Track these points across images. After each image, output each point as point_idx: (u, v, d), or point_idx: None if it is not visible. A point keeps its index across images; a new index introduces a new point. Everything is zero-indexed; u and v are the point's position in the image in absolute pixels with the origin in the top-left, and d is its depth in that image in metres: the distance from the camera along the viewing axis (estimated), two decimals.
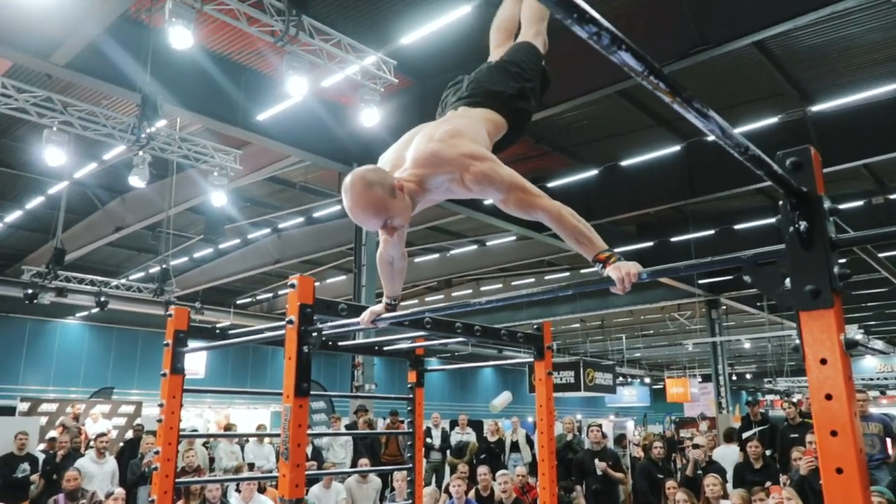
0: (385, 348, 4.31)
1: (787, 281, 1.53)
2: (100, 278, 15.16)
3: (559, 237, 2.04)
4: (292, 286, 2.79)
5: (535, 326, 3.86)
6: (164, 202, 12.45)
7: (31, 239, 16.57)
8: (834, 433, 1.35)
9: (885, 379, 22.60)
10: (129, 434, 10.78)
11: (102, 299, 14.04)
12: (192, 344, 3.58)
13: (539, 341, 3.80)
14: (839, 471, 1.34)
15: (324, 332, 2.74)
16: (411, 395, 4.40)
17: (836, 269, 1.45)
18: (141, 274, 18.61)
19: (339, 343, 4.24)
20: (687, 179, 12.22)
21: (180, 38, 5.97)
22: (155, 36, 8.03)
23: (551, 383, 3.81)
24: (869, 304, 20.92)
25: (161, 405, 3.39)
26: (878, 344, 25.26)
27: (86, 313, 21.25)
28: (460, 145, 2.01)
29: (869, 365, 25.72)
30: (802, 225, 1.49)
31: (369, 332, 6.82)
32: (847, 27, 8.80)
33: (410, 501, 4.32)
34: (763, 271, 1.64)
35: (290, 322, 2.74)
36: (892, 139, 10.12)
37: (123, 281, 16.14)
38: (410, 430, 4.40)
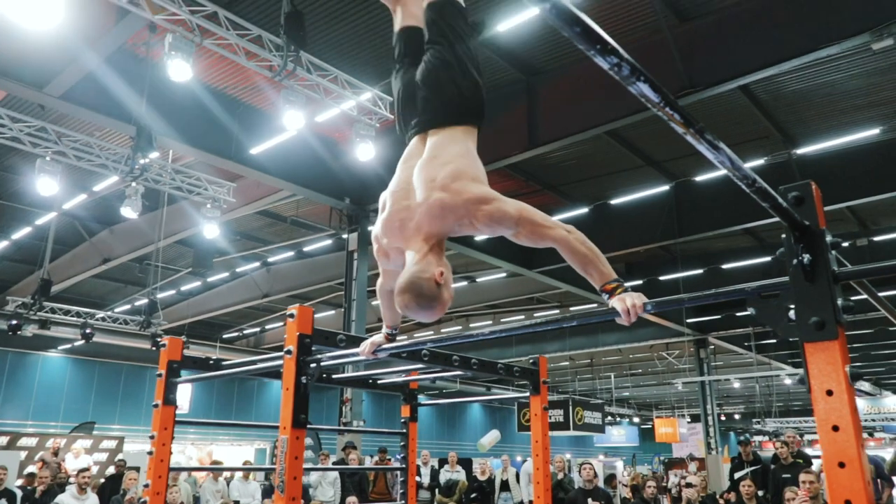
0: (379, 381, 4.28)
1: (791, 313, 1.55)
2: (85, 310, 14.99)
3: (549, 274, 2.05)
4: (291, 316, 2.78)
5: (530, 361, 3.86)
6: (153, 234, 12.41)
7: (15, 269, 16.42)
8: (842, 465, 1.36)
9: (873, 421, 22.62)
10: (111, 469, 10.54)
11: (88, 331, 13.86)
12: (185, 375, 3.55)
13: (535, 376, 3.79)
14: (848, 503, 1.34)
15: (322, 363, 2.72)
16: (404, 430, 4.35)
17: (839, 302, 1.47)
18: (127, 306, 18.43)
19: (333, 376, 4.21)
20: (675, 219, 12.36)
21: (179, 71, 6.03)
22: (151, 68, 8.11)
23: (547, 419, 3.79)
24: (855, 345, 21.05)
25: (152, 437, 3.33)
26: (865, 385, 25.33)
27: (68, 346, 20.94)
28: (463, 190, 1.98)
29: (859, 406, 25.65)
30: (805, 258, 1.51)
31: (360, 365, 6.77)
32: (830, 73, 9.04)
33: None
34: (767, 303, 1.66)
35: (289, 352, 2.73)
36: (874, 182, 10.33)
37: (109, 313, 15.95)
38: (403, 465, 4.35)
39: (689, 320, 18.41)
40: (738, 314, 18.46)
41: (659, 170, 11.89)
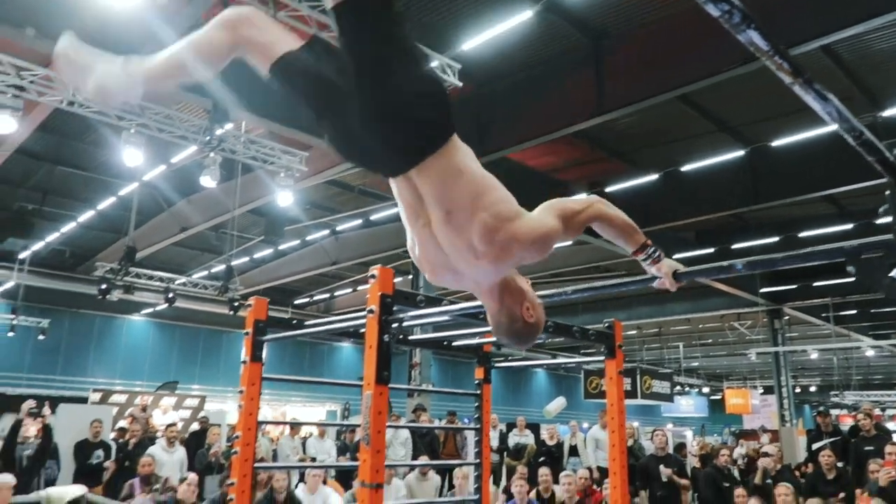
0: (453, 343, 4.36)
1: (895, 272, 1.52)
2: (167, 275, 15.72)
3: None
4: (373, 276, 2.87)
5: (605, 325, 3.85)
6: (228, 203, 12.83)
7: (101, 238, 17.30)
8: None
9: None
10: (195, 426, 11.14)
11: (171, 296, 14.55)
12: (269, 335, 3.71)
13: (610, 339, 3.79)
14: None
15: (404, 323, 2.81)
16: (478, 392, 4.43)
17: None
18: (204, 273, 19.19)
19: (409, 337, 4.31)
20: (750, 185, 11.94)
21: None
22: None
23: (622, 383, 3.79)
24: None
25: (241, 391, 3.51)
26: None
27: (150, 310, 22.03)
28: (508, 241, 1.69)
29: None
30: None
31: (430, 328, 6.86)
32: None
33: (477, 497, 4.35)
34: (868, 262, 1.62)
35: (371, 311, 2.82)
36: None
37: (188, 279, 16.67)
38: (477, 426, 4.44)
39: (762, 290, 17.84)
40: (816, 284, 17.75)
41: (733, 135, 11.46)
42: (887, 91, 9.86)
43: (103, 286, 13.46)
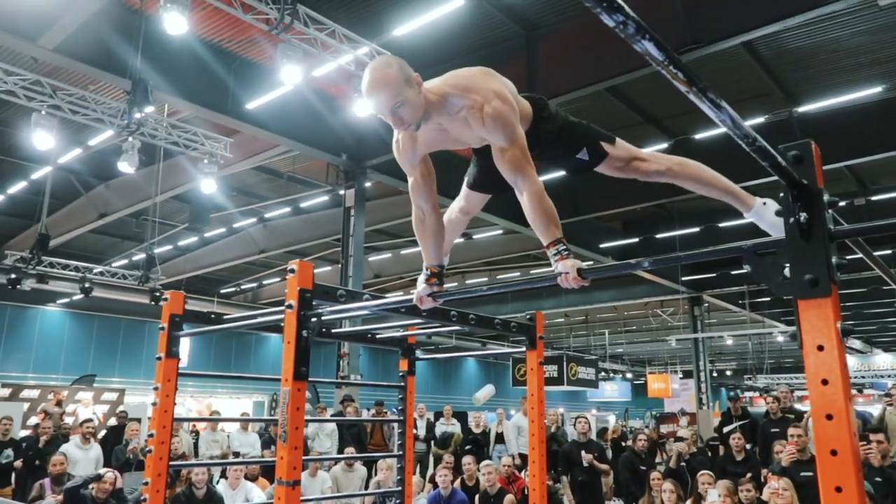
0: (378, 336, 4.34)
1: (786, 270, 1.58)
2: (84, 265, 15.02)
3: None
4: (292, 271, 2.81)
5: (527, 316, 3.91)
6: (150, 189, 12.36)
7: (12, 224, 16.40)
8: (829, 417, 1.40)
9: (863, 378, 23.04)
10: (113, 421, 10.72)
11: (87, 285, 13.91)
12: (186, 329, 3.59)
13: (531, 331, 3.84)
14: (834, 453, 1.39)
15: (323, 318, 2.76)
16: (402, 384, 4.43)
17: (833, 260, 1.50)
18: (124, 261, 18.46)
19: (332, 330, 4.27)
20: None
21: (175, 23, 5.93)
22: (145, 21, 7.97)
23: (542, 373, 3.86)
24: (848, 303, 21.27)
25: (156, 388, 3.39)
26: (857, 343, 25.67)
27: (67, 300, 21.05)
28: (493, 82, 2.15)
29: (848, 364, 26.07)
30: (803, 216, 1.54)
31: (357, 320, 6.81)
32: (834, 30, 8.92)
33: (400, 489, 4.35)
34: (763, 261, 1.69)
35: (290, 306, 2.76)
36: (875, 141, 10.29)
37: (107, 268, 15.99)
38: (401, 417, 4.44)
39: (684, 278, 18.54)
40: (734, 272, 18.58)
41: (658, 127, 11.82)
42: (803, 87, 10.34)
43: (13, 275, 12.75)
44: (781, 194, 1.61)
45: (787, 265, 1.58)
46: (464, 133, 2.23)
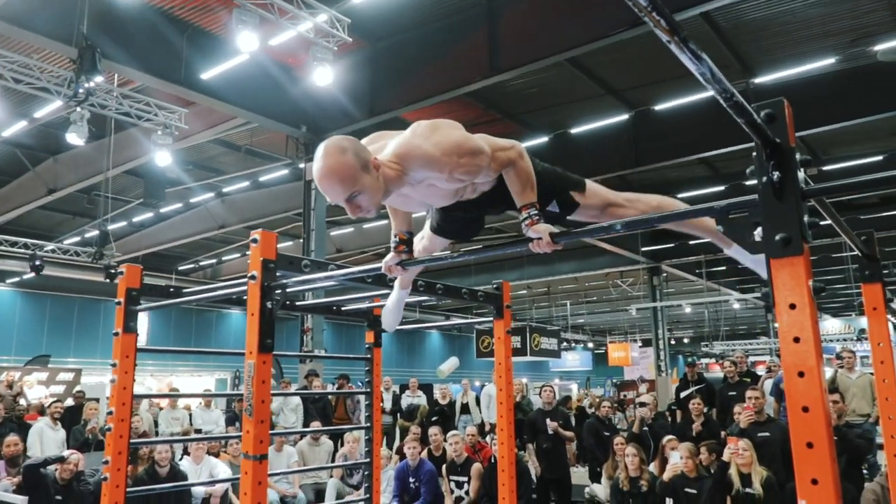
0: (343, 308, 4.28)
1: (758, 231, 1.58)
2: (34, 241, 14.51)
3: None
4: (255, 241, 2.73)
5: (493, 286, 3.90)
6: (101, 163, 11.94)
7: None
8: (801, 374, 1.41)
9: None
10: (70, 401, 10.47)
11: (38, 263, 13.44)
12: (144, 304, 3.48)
13: (499, 300, 3.83)
14: (805, 409, 1.39)
15: (288, 289, 2.70)
16: (369, 356, 4.40)
17: (805, 218, 1.50)
18: (76, 238, 17.89)
19: (296, 303, 4.19)
20: (633, 149, 12.44)
21: None
22: None
23: (510, 342, 3.86)
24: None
25: (114, 365, 3.29)
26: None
27: (17, 279, 20.38)
28: (445, 143, 1.93)
29: None
30: (776, 175, 1.53)
31: (321, 292, 6.72)
32: (789, 1, 9.03)
33: (368, 460, 4.34)
34: (735, 221, 1.68)
35: (253, 278, 2.69)
36: (828, 112, 10.50)
37: (59, 245, 15.48)
38: (368, 390, 4.42)
39: (643, 248, 18.83)
40: (692, 242, 18.94)
41: (619, 99, 11.86)
42: (759, 59, 10.48)
43: None
44: (754, 153, 1.60)
45: (760, 225, 1.58)
46: (430, 197, 2.14)
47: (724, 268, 22.02)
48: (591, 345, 36.07)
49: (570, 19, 8.61)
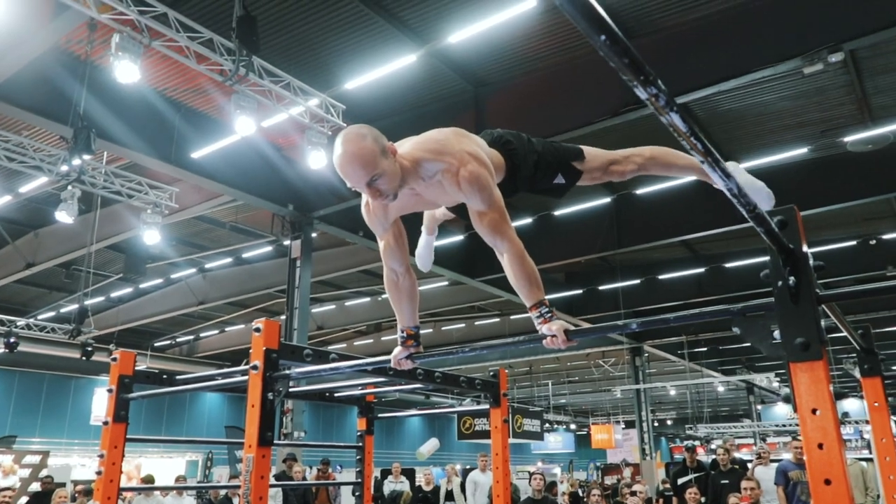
0: (336, 395, 4.21)
1: (776, 332, 1.60)
2: (8, 318, 14.17)
3: (491, 283, 2.11)
4: (257, 330, 2.70)
5: (490, 373, 3.87)
6: (82, 238, 11.84)
7: None
8: (828, 482, 1.40)
9: (796, 425, 23.67)
10: (36, 486, 9.98)
11: (12, 340, 13.08)
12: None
13: (495, 388, 3.80)
14: None
15: (292, 379, 2.65)
16: (360, 444, 4.29)
17: (822, 323, 1.53)
18: (51, 313, 17.53)
19: (289, 390, 4.10)
20: (615, 231, 12.67)
21: (126, 72, 5.80)
22: (89, 68, 7.77)
23: (507, 431, 3.80)
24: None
25: (101, 456, 3.17)
26: (785, 391, 26.53)
27: None
28: (466, 143, 2.10)
29: (781, 412, 26.97)
30: (791, 280, 1.57)
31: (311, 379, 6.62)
32: (762, 94, 9.47)
33: None
34: (752, 323, 1.71)
35: (255, 368, 2.64)
36: (802, 199, 10.74)
37: (32, 320, 15.13)
38: (359, 479, 4.28)
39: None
40: (673, 323, 19.03)
41: (601, 183, 12.14)
42: (734, 147, 10.88)
43: None
44: (769, 258, 1.64)
45: (776, 328, 1.60)
46: (438, 196, 2.19)
47: (705, 349, 22.09)
48: (573, 426, 35.51)
49: (554, 107, 8.93)
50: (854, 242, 13.72)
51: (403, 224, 2.38)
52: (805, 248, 1.62)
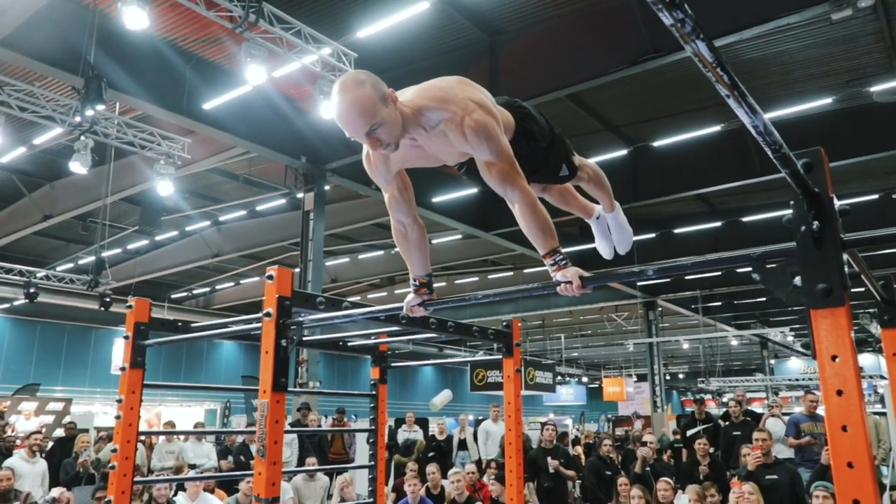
0: (349, 344, 4.23)
1: (797, 279, 1.56)
2: (28, 268, 14.37)
3: (505, 237, 2.07)
4: (270, 277, 2.70)
5: (503, 324, 3.87)
6: (97, 190, 11.89)
7: None
8: (845, 428, 1.38)
9: (809, 379, 23.79)
10: (59, 432, 10.26)
11: (32, 290, 13.28)
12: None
13: (508, 338, 3.80)
14: (850, 465, 1.36)
15: (304, 326, 2.66)
16: (374, 392, 4.33)
17: (846, 269, 1.48)
18: (70, 265, 17.76)
19: (303, 338, 4.14)
20: (631, 184, 12.52)
21: (135, 19, 5.70)
22: (98, 16, 7.67)
23: (519, 380, 3.82)
24: (795, 308, 21.96)
25: (119, 401, 3.22)
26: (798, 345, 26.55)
27: (7, 306, 20.14)
28: (471, 92, 2.01)
29: (794, 367, 27.01)
30: (815, 225, 1.52)
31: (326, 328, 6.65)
32: (787, 42, 9.18)
33: (372, 500, 4.25)
34: (772, 270, 1.67)
35: (268, 315, 2.64)
36: (826, 151, 10.61)
37: (52, 272, 15.34)
38: (373, 427, 4.34)
39: (639, 283, 18.84)
40: (687, 277, 18.96)
41: (617, 134, 11.97)
42: (755, 98, 10.52)
43: None
44: (792, 202, 1.59)
45: (798, 274, 1.56)
46: (441, 149, 2.10)
47: (719, 303, 22.03)
48: (585, 379, 35.86)
49: (571, 56, 8.72)
50: (875, 196, 13.47)
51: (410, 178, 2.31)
52: (831, 193, 1.57)
